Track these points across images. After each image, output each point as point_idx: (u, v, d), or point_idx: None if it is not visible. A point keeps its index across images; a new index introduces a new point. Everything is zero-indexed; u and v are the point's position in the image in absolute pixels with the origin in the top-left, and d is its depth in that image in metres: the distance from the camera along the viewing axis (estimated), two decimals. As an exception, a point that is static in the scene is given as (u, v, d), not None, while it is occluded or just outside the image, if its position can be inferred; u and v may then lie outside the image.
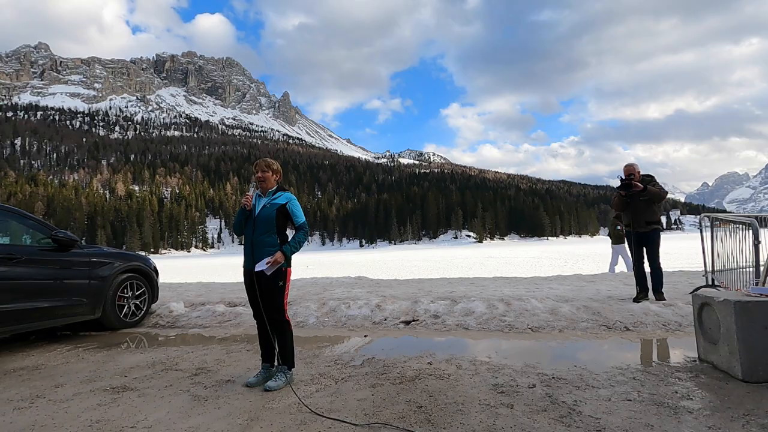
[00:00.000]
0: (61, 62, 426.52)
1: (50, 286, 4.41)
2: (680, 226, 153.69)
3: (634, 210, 5.11)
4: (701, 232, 5.93)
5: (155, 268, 5.83)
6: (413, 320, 4.85)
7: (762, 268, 4.42)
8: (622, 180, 5.17)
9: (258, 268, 2.87)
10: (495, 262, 25.90)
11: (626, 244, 10.17)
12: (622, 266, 10.26)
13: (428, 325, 4.67)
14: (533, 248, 54.54)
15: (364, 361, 3.46)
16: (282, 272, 2.93)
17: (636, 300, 5.04)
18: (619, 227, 10.10)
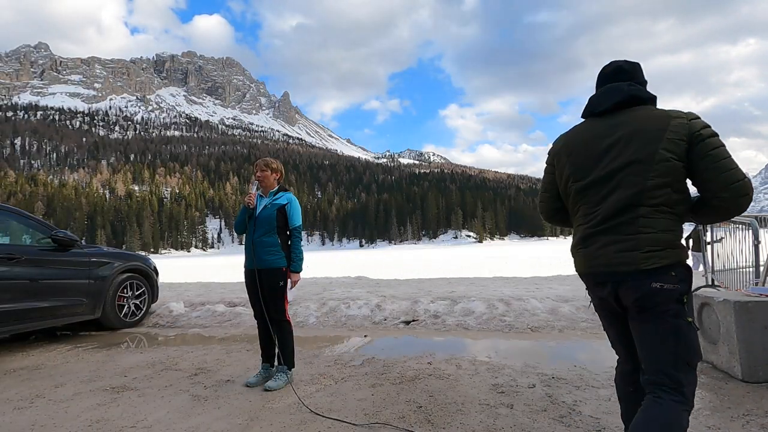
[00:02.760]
0: (60, 62, 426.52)
1: (50, 286, 4.41)
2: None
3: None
4: (701, 232, 5.93)
5: (155, 267, 5.83)
6: (413, 320, 4.85)
7: (762, 268, 4.41)
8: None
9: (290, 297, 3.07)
10: (495, 262, 25.90)
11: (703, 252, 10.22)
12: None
13: (428, 325, 4.67)
14: (533, 248, 54.53)
15: (364, 361, 3.46)
16: (282, 272, 2.93)
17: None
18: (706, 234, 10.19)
